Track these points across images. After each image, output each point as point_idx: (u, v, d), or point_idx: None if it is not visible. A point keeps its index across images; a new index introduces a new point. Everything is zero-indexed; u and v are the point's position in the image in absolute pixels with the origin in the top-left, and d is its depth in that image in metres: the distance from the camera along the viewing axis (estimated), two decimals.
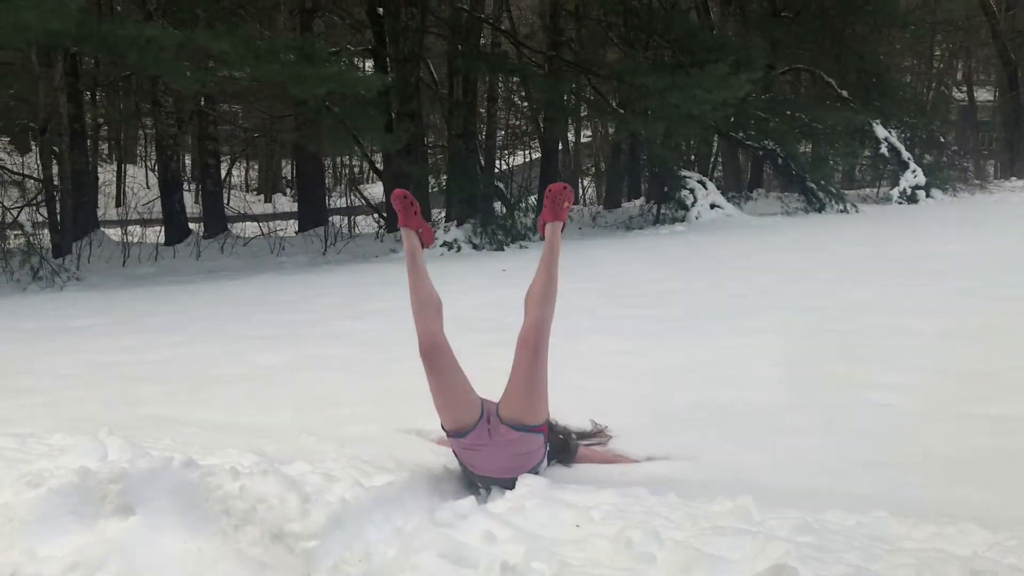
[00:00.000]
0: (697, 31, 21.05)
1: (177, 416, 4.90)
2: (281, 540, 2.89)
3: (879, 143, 23.65)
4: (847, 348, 6.10)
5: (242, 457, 3.51)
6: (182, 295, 11.67)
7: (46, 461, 3.63)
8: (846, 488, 3.46)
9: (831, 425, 4.39)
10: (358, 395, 5.36)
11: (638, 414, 4.72)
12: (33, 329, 8.82)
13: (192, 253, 17.02)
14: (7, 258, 14.42)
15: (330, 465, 3.65)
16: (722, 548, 2.63)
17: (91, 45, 12.42)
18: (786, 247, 13.62)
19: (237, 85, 15.48)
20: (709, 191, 20.11)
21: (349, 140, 18.99)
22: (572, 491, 3.30)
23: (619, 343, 6.64)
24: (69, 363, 6.73)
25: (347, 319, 8.61)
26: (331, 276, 13.38)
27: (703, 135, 21.86)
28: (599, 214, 22.67)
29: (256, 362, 6.55)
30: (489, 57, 20.49)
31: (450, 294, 3.97)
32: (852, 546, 2.70)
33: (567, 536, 2.81)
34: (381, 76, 16.70)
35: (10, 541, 3.04)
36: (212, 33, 12.72)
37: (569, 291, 9.79)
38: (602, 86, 21.89)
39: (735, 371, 5.61)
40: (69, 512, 3.14)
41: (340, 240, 18.33)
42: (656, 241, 16.15)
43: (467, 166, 18.69)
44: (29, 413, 5.02)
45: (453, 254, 15.95)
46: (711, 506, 3.11)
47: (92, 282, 13.91)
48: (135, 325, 8.85)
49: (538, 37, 25.77)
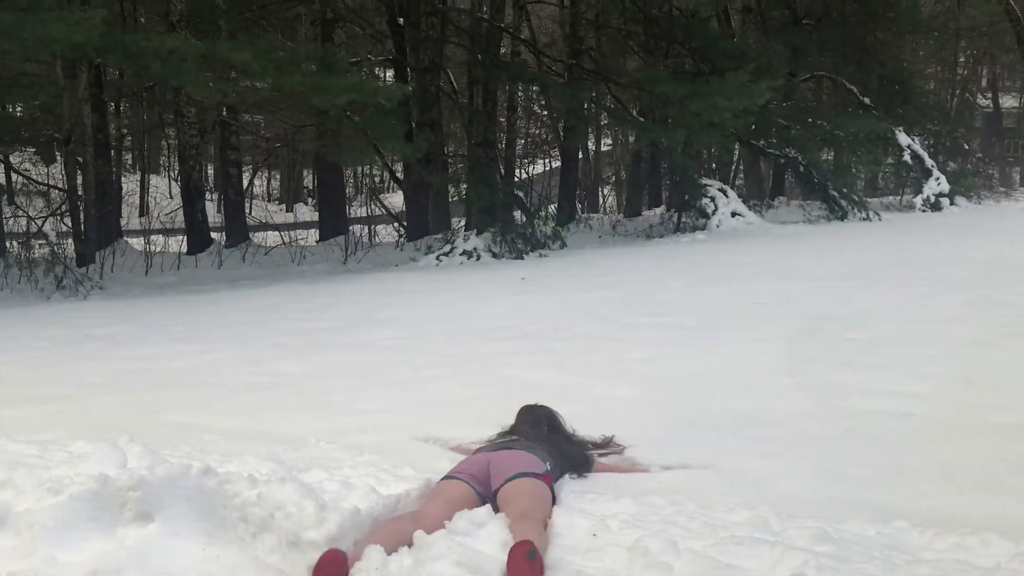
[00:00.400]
0: (718, 39, 20.97)
1: (197, 423, 4.93)
2: (298, 547, 2.90)
3: (902, 150, 23.50)
4: (868, 356, 6.06)
5: (260, 465, 3.53)
6: (204, 304, 11.74)
7: (67, 468, 3.67)
8: (866, 497, 3.43)
9: (851, 434, 4.36)
10: (376, 403, 5.37)
11: (656, 422, 4.70)
12: (57, 337, 8.90)
13: (214, 262, 17.14)
14: (32, 267, 14.56)
15: (347, 473, 3.66)
16: (739, 558, 2.61)
17: (115, 56, 12.56)
18: (807, 255, 13.55)
19: (259, 95, 15.60)
20: (730, 199, 20.03)
21: (369, 149, 19.07)
22: (589, 500, 3.29)
23: (638, 351, 6.61)
24: (92, 371, 6.79)
25: (367, 327, 8.64)
26: (351, 285, 13.43)
27: (724, 143, 21.78)
28: (619, 223, 22.63)
29: (276, 370, 6.58)
30: (509, 66, 20.54)
31: (469, 303, 4.01)
32: (871, 556, 2.68)
33: (584, 545, 2.80)
34: (401, 86, 16.77)
35: (31, 547, 3.07)
36: (234, 44, 12.84)
37: (589, 299, 9.84)
38: (622, 94, 21.89)
39: (754, 379, 5.58)
40: (89, 519, 3.16)
41: (360, 249, 18.39)
42: (676, 249, 16.10)
43: (487, 175, 18.71)
44: (51, 420, 5.07)
45: (472, 263, 15.96)
46: (729, 515, 3.09)
47: (115, 291, 14.03)
48: (157, 333, 8.91)
49: (558, 46, 25.78)
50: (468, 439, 4.15)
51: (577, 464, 3.74)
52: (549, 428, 3.89)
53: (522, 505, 2.98)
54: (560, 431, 3.94)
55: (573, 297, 10.11)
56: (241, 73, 13.34)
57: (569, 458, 3.72)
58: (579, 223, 21.98)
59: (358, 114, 17.31)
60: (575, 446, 3.87)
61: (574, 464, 3.72)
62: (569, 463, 3.70)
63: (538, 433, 3.78)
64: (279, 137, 29.89)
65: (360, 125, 17.21)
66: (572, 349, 6.97)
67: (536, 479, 3.20)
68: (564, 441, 3.85)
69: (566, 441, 3.86)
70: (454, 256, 16.30)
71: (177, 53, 12.10)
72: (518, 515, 2.88)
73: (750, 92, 16.63)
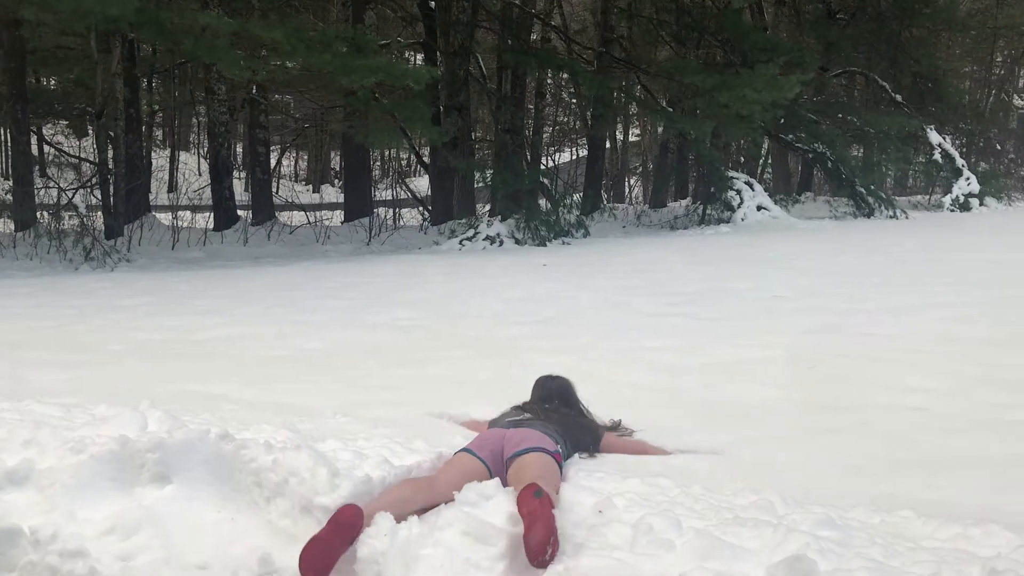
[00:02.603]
0: (750, 31, 20.85)
1: (217, 393, 5.02)
2: (310, 512, 2.96)
3: (933, 149, 23.29)
4: (887, 352, 6.05)
5: (276, 433, 3.59)
6: (228, 279, 11.88)
7: (89, 429, 3.75)
8: (874, 488, 3.45)
9: (865, 427, 4.36)
10: (393, 380, 5.44)
11: (671, 408, 4.73)
12: (84, 306, 9.05)
13: (240, 239, 17.30)
14: (61, 238, 14.77)
15: (361, 444, 3.72)
16: (742, 538, 2.64)
17: (148, 31, 12.69)
18: (832, 251, 13.48)
19: (288, 74, 15.69)
20: (756, 193, 19.95)
21: (396, 132, 19.15)
22: (596, 479, 3.33)
23: (657, 340, 6.64)
24: (116, 339, 6.91)
25: (387, 307, 8.71)
26: (374, 265, 13.53)
27: (752, 136, 21.68)
28: (644, 213, 22.60)
29: (297, 345, 6.66)
30: (539, 52, 20.52)
31: (491, 288, 4.05)
32: (873, 542, 2.70)
33: (589, 521, 2.84)
34: (430, 68, 16.81)
35: (52, 503, 3.16)
36: (266, 22, 12.94)
37: (609, 287, 9.86)
38: (651, 84, 21.82)
39: (769, 370, 5.59)
40: (108, 478, 3.25)
41: (384, 231, 18.49)
42: (700, 241, 16.08)
43: (513, 161, 18.75)
44: (76, 385, 5.17)
45: (495, 248, 16.02)
46: (735, 499, 3.12)
47: (142, 264, 14.22)
48: (182, 306, 9.04)
49: (588, 33, 25.71)
50: (482, 417, 4.20)
51: (587, 441, 3.78)
52: (561, 401, 3.93)
53: (532, 475, 3.03)
54: (573, 404, 3.98)
55: (594, 284, 10.14)
56: (272, 52, 13.44)
57: (579, 434, 3.75)
58: (604, 212, 21.97)
59: (386, 96, 17.38)
60: (586, 421, 3.90)
61: (584, 441, 3.76)
62: (579, 440, 3.74)
63: (551, 409, 3.81)
64: (307, 117, 30.05)
65: (387, 107, 17.28)
66: (590, 335, 7.01)
67: (547, 454, 3.25)
68: (576, 415, 3.89)
69: (578, 415, 3.90)
70: (477, 241, 16.37)
71: (209, 30, 12.21)
72: (528, 480, 2.93)
73: (780, 85, 16.56)
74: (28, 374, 5.61)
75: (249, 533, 3.03)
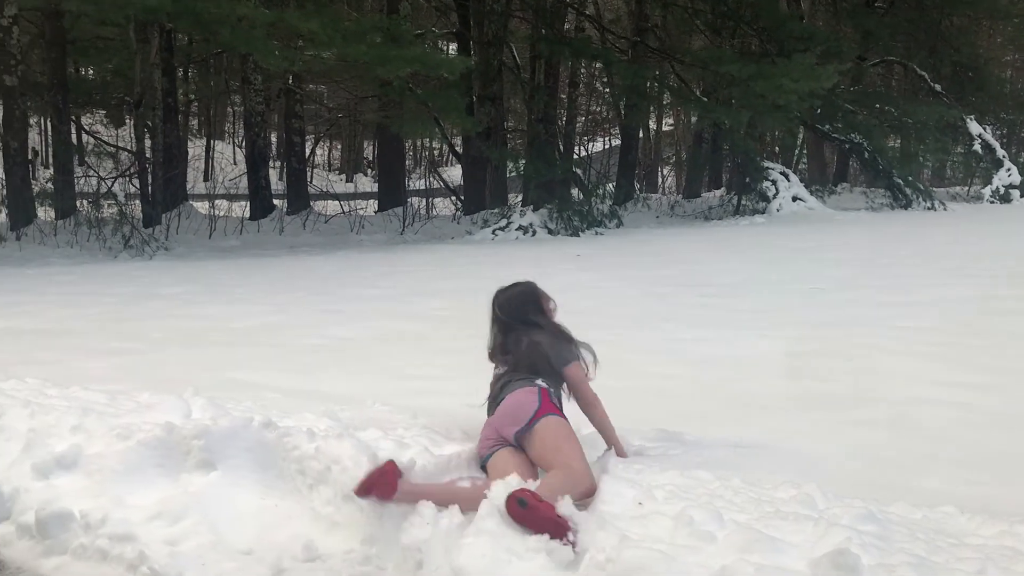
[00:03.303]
0: (786, 20, 20.60)
1: (258, 381, 5.09)
2: (353, 501, 3.00)
3: (972, 139, 22.91)
4: (923, 345, 5.99)
5: (318, 421, 3.64)
6: (266, 268, 12.00)
7: (134, 416, 3.83)
8: (914, 483, 3.43)
9: (903, 420, 4.33)
10: (430, 369, 5.48)
11: (706, 400, 4.73)
12: (124, 294, 9.19)
13: (275, 228, 17.44)
14: (100, 226, 14.99)
15: (401, 433, 3.76)
16: (783, 532, 2.64)
17: (186, 22, 12.83)
18: (869, 243, 13.34)
19: (324, 65, 15.77)
20: (792, 183, 19.77)
21: (430, 122, 19.19)
22: (635, 471, 3.34)
23: (693, 331, 6.62)
24: (158, 327, 7.01)
25: (422, 297, 8.76)
26: (408, 255, 13.59)
27: (788, 126, 21.48)
28: (677, 203, 22.48)
29: (334, 334, 6.73)
30: (573, 41, 20.45)
31: (524, 277, 4.02)
32: (916, 538, 2.69)
33: (629, 512, 2.85)
34: (464, 58, 16.82)
35: (100, 488, 3.23)
36: (302, 13, 13.01)
37: (644, 278, 9.83)
38: (686, 73, 21.65)
39: (806, 363, 5.56)
40: (155, 464, 3.32)
41: (418, 221, 18.56)
42: (735, 232, 15.97)
43: (546, 151, 18.72)
44: (119, 372, 5.27)
45: (528, 238, 16.02)
46: (775, 492, 3.12)
47: (179, 252, 14.39)
48: (221, 295, 9.14)
49: (622, 23, 25.57)
50: None
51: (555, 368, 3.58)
52: (521, 323, 3.67)
53: (545, 459, 3.16)
54: (533, 320, 3.71)
55: (628, 275, 10.12)
56: (308, 42, 13.52)
57: (548, 365, 3.56)
58: (637, 202, 21.88)
59: (420, 86, 17.41)
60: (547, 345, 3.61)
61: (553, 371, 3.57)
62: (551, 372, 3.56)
63: (515, 352, 3.60)
64: (341, 107, 30.19)
65: (422, 97, 17.31)
66: (625, 326, 7.00)
67: (537, 422, 3.26)
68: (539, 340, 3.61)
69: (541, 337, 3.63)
70: (510, 231, 16.38)
71: (246, 20, 12.30)
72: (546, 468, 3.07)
73: (817, 75, 16.38)
74: (73, 361, 5.72)
75: (292, 520, 3.09)
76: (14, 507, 3.20)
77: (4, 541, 3.09)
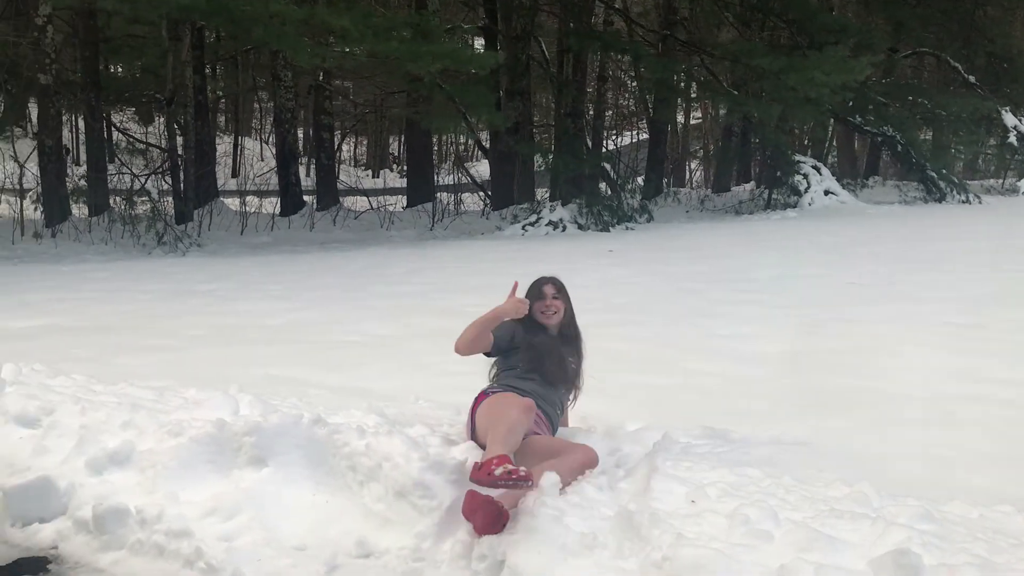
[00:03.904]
0: (816, 12, 20.38)
1: (298, 377, 5.12)
2: (405, 497, 3.01)
3: (1007, 132, 22.56)
4: (971, 341, 5.92)
5: (366, 418, 3.66)
6: (298, 264, 12.06)
7: (183, 412, 3.86)
8: (967, 481, 3.39)
9: (952, 417, 4.29)
10: (468, 366, 5.44)
11: (749, 398, 4.70)
12: (161, 291, 9.27)
13: (306, 224, 17.54)
14: (134, 223, 15.14)
15: (447, 430, 3.77)
16: (841, 531, 2.62)
17: (219, 19, 12.92)
18: (904, 237, 13.20)
19: (355, 61, 15.81)
20: (824, 177, 19.59)
21: (458, 117, 19.19)
22: (684, 468, 3.32)
23: (731, 327, 6.58)
24: (196, 324, 7.07)
25: (455, 294, 8.76)
26: (439, 251, 13.61)
27: (820, 119, 21.28)
28: (707, 198, 22.36)
29: (370, 330, 6.75)
30: (603, 35, 20.36)
31: (558, 274, 4.02)
32: (975, 537, 2.66)
33: (682, 510, 2.84)
34: (494, 54, 16.80)
35: (153, 484, 3.26)
36: (333, 10, 13.04)
37: (678, 274, 9.78)
38: (714, 67, 21.51)
39: (850, 360, 5.51)
40: (207, 461, 3.34)
41: (447, 216, 18.59)
42: (767, 226, 15.86)
43: (574, 145, 18.66)
44: (161, 369, 5.31)
45: (558, 233, 15.99)
46: (827, 490, 3.09)
47: (212, 248, 14.50)
48: (256, 291, 9.20)
49: (651, 16, 25.43)
50: None
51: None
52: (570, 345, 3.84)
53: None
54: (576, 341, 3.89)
55: (662, 271, 10.08)
56: (340, 38, 13.55)
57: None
58: (667, 197, 21.78)
59: (448, 82, 17.41)
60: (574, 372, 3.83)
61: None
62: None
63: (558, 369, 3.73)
64: (367, 103, 30.27)
65: (451, 92, 17.32)
66: (661, 322, 6.98)
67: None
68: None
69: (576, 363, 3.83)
70: (540, 226, 16.35)
71: (279, 17, 12.36)
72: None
73: (850, 68, 16.21)
74: (113, 357, 5.78)
75: (344, 516, 3.10)
76: (70, 502, 3.24)
77: (61, 536, 3.13)
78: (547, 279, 3.90)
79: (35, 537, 3.16)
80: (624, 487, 3.18)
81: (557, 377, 3.66)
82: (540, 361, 3.64)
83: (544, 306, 3.81)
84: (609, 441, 3.72)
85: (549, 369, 3.64)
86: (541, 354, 3.67)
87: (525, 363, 3.65)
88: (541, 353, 3.67)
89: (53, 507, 3.26)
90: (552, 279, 3.90)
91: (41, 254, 13.26)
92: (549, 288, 3.84)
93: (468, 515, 2.83)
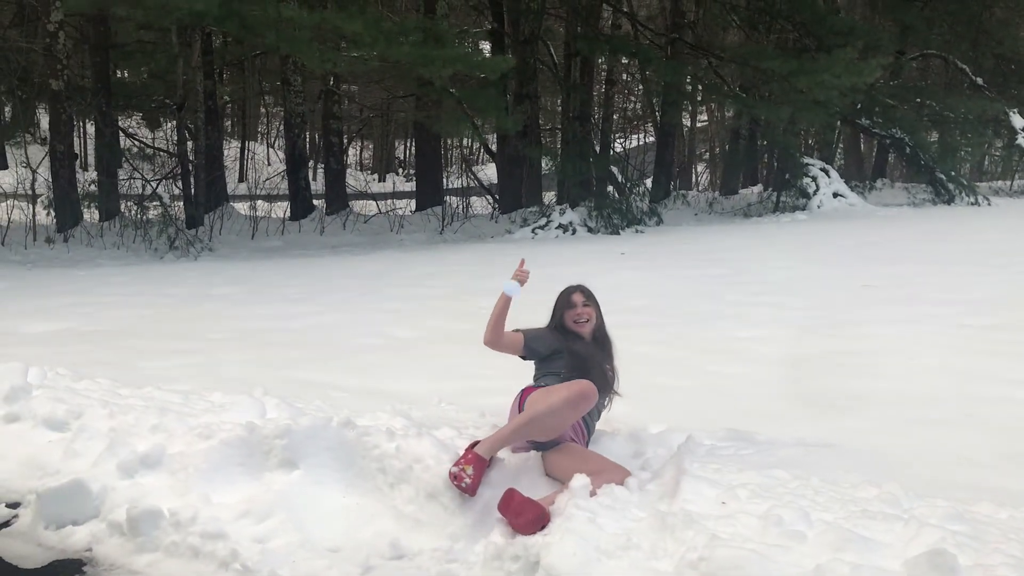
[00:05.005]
0: (824, 14, 20.39)
1: (320, 380, 5.14)
2: (436, 499, 3.04)
3: (1016, 133, 22.53)
4: (988, 343, 5.92)
5: (393, 420, 3.68)
6: (311, 268, 12.09)
7: (211, 416, 3.89)
8: (992, 482, 3.40)
9: (972, 419, 4.30)
10: (489, 369, 5.48)
11: (771, 400, 4.72)
12: (178, 295, 9.31)
13: (316, 228, 17.57)
14: (146, 228, 15.19)
15: (473, 432, 3.80)
16: (874, 531, 2.64)
17: (231, 25, 12.92)
18: (915, 239, 13.19)
19: (365, 65, 15.85)
20: (832, 179, 19.59)
21: (466, 121, 19.22)
22: (712, 470, 3.34)
23: (748, 330, 6.60)
24: (215, 328, 7.10)
25: (471, 296, 8.78)
26: (450, 255, 13.64)
27: (828, 121, 21.25)
28: (715, 200, 22.36)
29: (389, 333, 6.78)
30: (610, 39, 20.39)
31: (570, 276, 4.04)
32: (1008, 538, 2.67)
33: (714, 512, 2.86)
34: (504, 58, 16.80)
35: (186, 486, 3.29)
36: (345, 14, 13.07)
37: (691, 276, 9.79)
38: (723, 70, 21.51)
39: (869, 361, 5.53)
40: (238, 464, 3.37)
41: (456, 220, 18.62)
42: (778, 229, 15.86)
43: (582, 148, 18.69)
44: (185, 372, 5.34)
45: (568, 236, 16.00)
46: (856, 491, 3.11)
47: (223, 253, 14.54)
48: (272, 295, 9.24)
49: (658, 19, 25.44)
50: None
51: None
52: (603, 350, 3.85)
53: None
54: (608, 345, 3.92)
55: (675, 273, 10.09)
56: (351, 43, 13.59)
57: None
58: (675, 200, 21.80)
59: (457, 86, 17.44)
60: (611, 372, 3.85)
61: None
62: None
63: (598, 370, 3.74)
64: (374, 107, 30.32)
65: (461, 97, 17.35)
66: (679, 324, 6.99)
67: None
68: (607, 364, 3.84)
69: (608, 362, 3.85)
70: (550, 230, 16.37)
71: (290, 23, 12.40)
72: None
73: (860, 70, 16.21)
74: (137, 362, 5.81)
75: (376, 518, 3.12)
76: (103, 505, 3.27)
77: (95, 538, 3.15)
78: (575, 287, 3.89)
79: (69, 539, 3.17)
80: (653, 489, 3.20)
81: (600, 384, 3.62)
82: (585, 369, 3.62)
83: (576, 315, 3.80)
84: (634, 444, 3.75)
85: (594, 376, 3.59)
86: (585, 360, 3.65)
87: (568, 370, 3.63)
88: (585, 359, 3.66)
89: (86, 510, 3.28)
90: (580, 287, 3.90)
91: (54, 259, 13.31)
92: (578, 296, 3.84)
93: (507, 513, 2.84)
